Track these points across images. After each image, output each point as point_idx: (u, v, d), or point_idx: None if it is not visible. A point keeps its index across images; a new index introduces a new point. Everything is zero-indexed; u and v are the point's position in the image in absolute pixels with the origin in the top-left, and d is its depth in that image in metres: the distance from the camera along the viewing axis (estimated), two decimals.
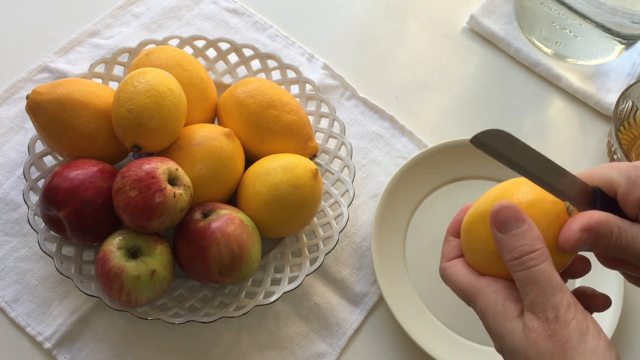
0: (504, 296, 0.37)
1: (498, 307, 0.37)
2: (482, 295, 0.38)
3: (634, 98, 0.70)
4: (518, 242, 0.36)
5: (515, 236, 0.36)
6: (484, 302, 0.38)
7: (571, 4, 0.71)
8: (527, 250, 0.36)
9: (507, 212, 0.36)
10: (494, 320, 0.37)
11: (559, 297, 0.35)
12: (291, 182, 0.57)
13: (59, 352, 0.58)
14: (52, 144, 0.60)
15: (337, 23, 0.81)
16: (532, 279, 0.35)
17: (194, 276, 0.57)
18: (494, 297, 0.38)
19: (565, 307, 0.35)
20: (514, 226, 0.36)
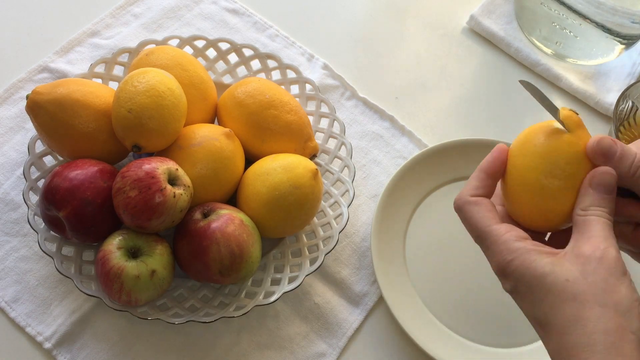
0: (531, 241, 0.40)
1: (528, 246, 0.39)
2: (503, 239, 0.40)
3: (634, 98, 0.70)
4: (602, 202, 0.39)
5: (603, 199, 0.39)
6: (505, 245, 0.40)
7: (571, 4, 0.71)
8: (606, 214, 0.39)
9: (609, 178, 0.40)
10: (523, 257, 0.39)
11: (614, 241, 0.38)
12: (291, 182, 0.57)
13: (59, 352, 0.58)
14: (52, 144, 0.60)
15: (337, 23, 0.81)
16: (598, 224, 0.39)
17: (194, 276, 0.57)
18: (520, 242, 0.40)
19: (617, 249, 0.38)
20: (608, 191, 0.40)
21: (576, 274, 0.37)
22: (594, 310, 0.36)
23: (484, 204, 0.42)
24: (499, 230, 0.41)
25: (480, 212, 0.42)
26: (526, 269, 0.39)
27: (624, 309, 0.36)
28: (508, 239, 0.40)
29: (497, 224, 0.41)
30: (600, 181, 0.40)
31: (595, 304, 0.36)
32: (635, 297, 0.37)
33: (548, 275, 0.38)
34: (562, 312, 0.37)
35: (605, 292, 0.36)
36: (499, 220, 0.41)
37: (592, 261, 0.37)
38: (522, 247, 0.39)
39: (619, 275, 0.37)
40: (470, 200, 0.42)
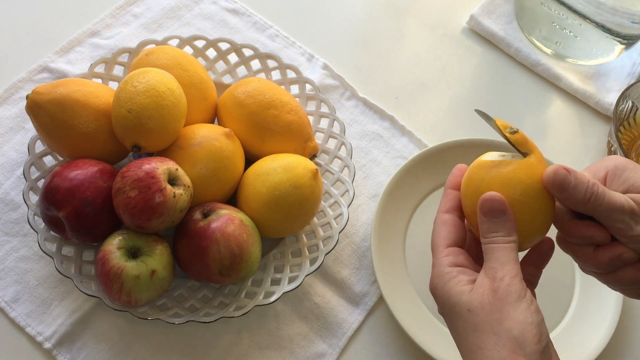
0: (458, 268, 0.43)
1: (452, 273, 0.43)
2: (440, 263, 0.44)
3: (634, 98, 0.70)
4: (496, 227, 0.42)
5: (496, 224, 0.42)
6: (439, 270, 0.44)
7: (571, 4, 0.71)
8: (501, 238, 0.42)
9: (493, 204, 0.42)
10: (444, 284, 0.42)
11: (510, 267, 0.41)
12: (291, 182, 0.57)
13: (59, 352, 0.58)
14: (52, 144, 0.60)
15: (337, 23, 0.81)
16: (497, 251, 0.42)
17: (194, 276, 0.57)
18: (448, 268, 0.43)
19: (512, 275, 0.40)
20: (497, 215, 0.42)
21: (475, 303, 0.40)
22: (490, 339, 0.39)
23: (448, 224, 0.45)
24: (440, 253, 0.44)
25: (440, 231, 0.45)
26: (445, 294, 0.42)
27: (517, 334, 0.38)
28: (442, 262, 0.43)
29: (444, 247, 0.44)
30: (489, 209, 0.42)
31: (491, 333, 0.39)
32: (529, 321, 0.39)
33: (456, 306, 0.41)
34: (466, 340, 0.40)
35: (498, 321, 0.39)
36: (450, 243, 0.44)
37: (487, 292, 0.40)
38: (449, 272, 0.43)
39: (511, 301, 0.39)
40: (439, 217, 0.46)
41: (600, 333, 0.60)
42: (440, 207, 0.47)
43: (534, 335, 0.38)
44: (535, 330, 0.39)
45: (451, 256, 0.43)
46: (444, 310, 0.43)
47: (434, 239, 0.46)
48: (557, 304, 0.63)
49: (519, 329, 0.38)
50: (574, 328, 0.62)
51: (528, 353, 0.38)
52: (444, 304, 0.42)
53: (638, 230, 0.41)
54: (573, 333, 0.61)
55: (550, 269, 0.64)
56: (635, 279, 0.43)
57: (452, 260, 0.43)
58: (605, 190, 0.41)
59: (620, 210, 0.41)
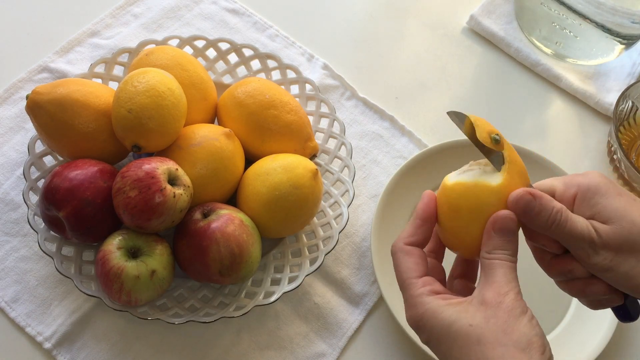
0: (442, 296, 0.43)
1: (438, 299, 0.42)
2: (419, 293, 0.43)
3: (634, 98, 0.70)
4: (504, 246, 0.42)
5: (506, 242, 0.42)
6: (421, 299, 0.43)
7: (571, 4, 0.71)
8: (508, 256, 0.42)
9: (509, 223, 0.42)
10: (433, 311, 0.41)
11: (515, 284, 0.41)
12: (291, 182, 0.57)
13: (58, 352, 0.58)
14: (52, 144, 0.60)
15: (337, 23, 0.81)
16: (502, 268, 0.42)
17: (193, 276, 0.57)
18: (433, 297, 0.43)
19: (517, 292, 0.41)
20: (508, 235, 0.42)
21: (479, 318, 0.40)
22: (496, 350, 0.38)
23: (414, 254, 0.44)
24: (415, 284, 0.43)
25: (406, 263, 0.44)
26: (434, 319, 0.41)
27: (524, 345, 0.38)
28: (421, 292, 0.42)
29: (416, 278, 0.43)
30: (502, 226, 0.42)
31: (497, 344, 0.39)
32: (534, 333, 0.39)
33: (454, 323, 0.40)
34: (469, 355, 0.39)
35: (504, 332, 0.39)
36: (421, 274, 0.44)
37: (492, 306, 0.40)
38: (432, 300, 0.42)
39: (516, 315, 0.39)
40: (403, 248, 0.45)
41: (600, 333, 0.60)
42: (403, 236, 0.45)
43: (539, 346, 0.39)
44: (540, 341, 0.39)
45: (428, 286, 0.43)
46: (432, 337, 0.42)
47: (401, 270, 0.44)
48: (557, 304, 0.63)
49: (525, 340, 0.39)
50: (573, 328, 0.62)
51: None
52: (433, 329, 0.41)
53: (595, 260, 0.42)
54: (573, 333, 0.61)
55: None
56: (582, 292, 0.45)
57: (430, 289, 0.42)
58: (569, 218, 0.42)
59: (581, 239, 0.42)
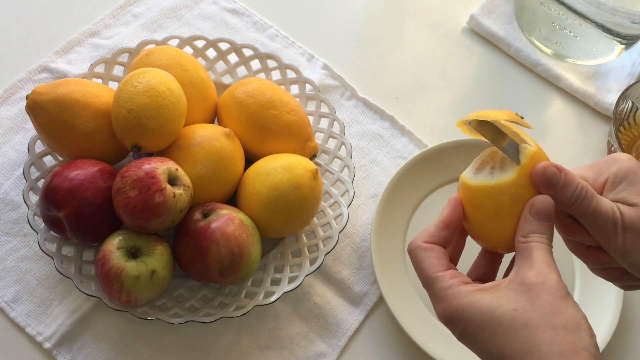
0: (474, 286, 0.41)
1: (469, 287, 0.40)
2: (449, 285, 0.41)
3: (634, 98, 0.70)
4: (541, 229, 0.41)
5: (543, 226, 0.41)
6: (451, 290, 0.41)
7: (571, 4, 0.71)
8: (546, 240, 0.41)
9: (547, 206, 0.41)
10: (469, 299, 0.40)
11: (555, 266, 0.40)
12: (291, 182, 0.57)
13: (58, 352, 0.58)
14: (52, 144, 0.60)
15: (337, 23, 0.81)
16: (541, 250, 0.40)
17: (193, 276, 0.57)
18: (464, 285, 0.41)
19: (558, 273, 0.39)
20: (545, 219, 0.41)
21: (522, 302, 0.38)
22: (546, 333, 0.37)
23: (434, 250, 0.43)
24: (444, 277, 0.41)
25: (429, 259, 0.43)
26: (473, 308, 0.39)
27: (573, 328, 0.37)
28: (452, 284, 0.41)
29: (443, 271, 0.42)
30: (539, 209, 0.41)
31: (547, 327, 0.37)
32: (580, 315, 0.38)
33: (496, 309, 0.39)
34: (515, 341, 0.38)
35: (553, 314, 0.37)
36: (446, 267, 0.42)
37: (536, 287, 0.38)
38: (466, 289, 0.40)
39: (562, 296, 0.38)
40: (422, 245, 0.44)
41: (600, 333, 0.60)
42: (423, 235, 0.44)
43: (588, 328, 0.38)
44: (587, 323, 0.38)
45: (458, 277, 0.41)
46: (470, 328, 0.39)
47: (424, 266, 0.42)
48: None
49: (574, 322, 0.37)
50: None
51: (586, 345, 0.37)
52: (471, 320, 0.39)
53: (616, 242, 0.41)
54: None
55: None
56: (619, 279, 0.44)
57: (461, 280, 0.41)
58: (595, 196, 0.41)
59: (605, 218, 0.41)
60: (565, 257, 0.65)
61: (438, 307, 0.41)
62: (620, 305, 0.61)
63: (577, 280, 0.64)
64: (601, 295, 0.62)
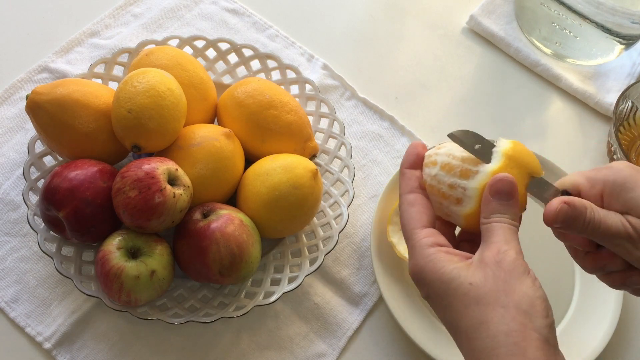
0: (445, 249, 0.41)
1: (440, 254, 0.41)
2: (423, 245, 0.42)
3: (634, 98, 0.70)
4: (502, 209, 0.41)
5: (503, 205, 0.41)
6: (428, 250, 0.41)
7: (571, 4, 0.71)
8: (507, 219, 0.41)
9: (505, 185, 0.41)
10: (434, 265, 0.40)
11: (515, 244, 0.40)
12: (291, 182, 0.57)
13: (58, 353, 0.58)
14: (51, 144, 0.60)
15: (337, 23, 0.81)
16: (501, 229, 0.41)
17: (193, 276, 0.57)
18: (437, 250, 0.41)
19: (517, 250, 0.40)
20: (505, 198, 0.41)
21: (479, 277, 0.38)
22: (496, 311, 0.37)
23: (416, 204, 0.44)
24: (419, 235, 0.42)
25: (410, 212, 0.43)
26: (435, 274, 0.40)
27: (526, 308, 0.37)
28: (424, 244, 0.41)
29: (420, 228, 0.42)
30: (498, 189, 0.41)
31: (497, 305, 0.37)
32: (537, 295, 0.38)
33: (454, 280, 0.39)
34: (467, 316, 0.38)
35: (505, 293, 0.37)
36: (425, 224, 0.43)
37: (492, 265, 0.39)
38: (434, 252, 0.41)
39: (518, 275, 0.38)
40: (406, 198, 0.44)
41: (600, 333, 0.60)
42: (402, 189, 0.45)
43: (543, 309, 0.37)
44: (543, 304, 0.38)
45: (431, 237, 0.41)
46: (432, 292, 0.40)
47: (405, 221, 0.43)
48: (557, 304, 0.63)
49: (527, 301, 0.37)
50: (573, 328, 0.62)
51: (538, 327, 0.37)
52: (434, 283, 0.40)
53: (637, 255, 0.41)
54: (573, 333, 0.61)
55: (550, 269, 0.64)
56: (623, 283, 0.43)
57: (433, 240, 0.41)
58: (602, 217, 0.41)
59: (617, 236, 0.40)
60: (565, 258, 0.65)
61: (409, 263, 0.42)
62: (620, 305, 0.61)
63: (577, 281, 0.64)
64: (601, 296, 0.62)
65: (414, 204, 0.44)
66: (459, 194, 0.43)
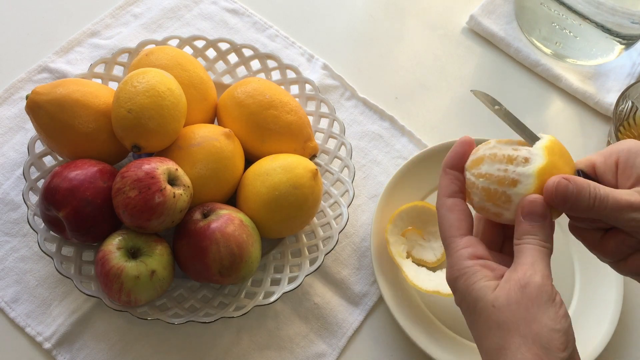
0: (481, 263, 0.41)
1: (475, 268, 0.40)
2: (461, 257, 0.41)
3: (634, 98, 0.70)
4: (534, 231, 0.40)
5: (534, 227, 0.40)
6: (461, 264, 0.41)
7: (571, 4, 0.71)
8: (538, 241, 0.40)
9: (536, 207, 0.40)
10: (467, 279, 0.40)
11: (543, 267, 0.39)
12: (291, 183, 0.57)
13: (58, 353, 0.58)
14: (51, 144, 0.60)
15: (337, 23, 0.81)
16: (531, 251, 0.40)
17: (193, 276, 0.57)
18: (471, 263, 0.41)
19: (544, 275, 0.39)
20: (537, 219, 0.40)
21: (502, 300, 0.38)
22: (514, 340, 0.37)
23: (456, 210, 0.43)
24: (457, 244, 0.42)
25: (449, 220, 0.43)
26: (466, 289, 0.40)
27: (544, 342, 0.37)
28: (461, 255, 0.41)
29: (459, 237, 0.42)
30: (529, 211, 0.41)
31: (516, 333, 0.37)
32: (557, 328, 0.37)
33: (479, 301, 0.39)
34: (488, 338, 0.38)
35: (525, 322, 0.37)
36: (464, 232, 0.42)
37: (516, 289, 0.38)
38: (470, 266, 0.40)
39: (542, 302, 0.38)
40: (445, 203, 0.44)
41: (600, 333, 0.60)
42: (442, 191, 0.44)
43: (561, 343, 0.37)
44: (562, 338, 0.37)
45: (470, 248, 0.41)
46: (463, 304, 0.41)
47: (444, 228, 0.43)
48: None
49: (546, 334, 0.37)
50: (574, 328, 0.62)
51: None
52: (465, 298, 0.40)
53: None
54: None
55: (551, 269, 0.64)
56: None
57: (471, 252, 0.41)
58: (608, 191, 0.39)
59: (628, 208, 0.39)
60: (565, 258, 0.65)
61: (447, 272, 0.42)
62: (620, 305, 0.61)
63: (577, 281, 0.64)
64: (601, 296, 0.62)
65: (453, 209, 0.43)
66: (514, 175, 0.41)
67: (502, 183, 0.41)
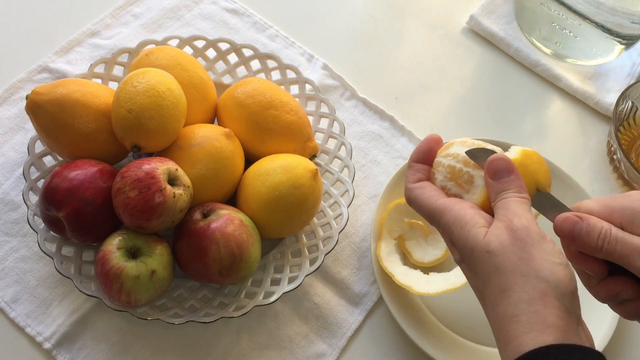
0: (472, 211, 0.42)
1: (466, 217, 0.41)
2: (448, 210, 0.42)
3: (634, 98, 0.70)
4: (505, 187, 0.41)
5: (504, 183, 0.41)
6: (450, 216, 0.42)
7: (571, 4, 0.71)
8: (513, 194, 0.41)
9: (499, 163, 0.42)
10: (461, 229, 0.41)
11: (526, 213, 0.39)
12: (291, 183, 0.57)
13: (58, 353, 0.58)
14: (51, 144, 0.60)
15: (337, 23, 0.81)
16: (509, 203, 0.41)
17: (193, 276, 0.57)
18: (462, 212, 0.42)
19: (529, 218, 0.39)
20: (504, 175, 0.41)
21: (494, 244, 0.38)
22: (517, 280, 0.37)
23: (427, 186, 0.45)
24: (448, 202, 0.43)
25: (425, 194, 0.44)
26: (464, 239, 0.40)
27: (547, 274, 0.37)
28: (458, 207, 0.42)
29: (444, 199, 0.43)
30: (495, 169, 0.42)
31: (517, 273, 0.37)
32: (558, 261, 0.37)
33: (474, 249, 0.39)
34: (490, 283, 0.38)
35: (523, 260, 0.37)
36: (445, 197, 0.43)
37: (506, 233, 0.39)
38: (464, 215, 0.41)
39: (534, 241, 0.38)
40: (415, 186, 0.45)
41: (600, 333, 0.60)
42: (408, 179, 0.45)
43: (566, 276, 0.37)
44: (566, 270, 0.37)
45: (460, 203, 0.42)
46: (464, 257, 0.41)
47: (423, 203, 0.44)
48: None
49: (547, 268, 0.37)
50: None
51: (561, 294, 0.36)
52: (463, 249, 0.40)
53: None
54: None
55: None
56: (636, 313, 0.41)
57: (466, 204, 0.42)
58: (619, 233, 0.39)
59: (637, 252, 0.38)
60: None
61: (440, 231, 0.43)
62: None
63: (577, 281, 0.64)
64: None
65: (424, 187, 0.44)
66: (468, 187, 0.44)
67: (467, 163, 0.44)
